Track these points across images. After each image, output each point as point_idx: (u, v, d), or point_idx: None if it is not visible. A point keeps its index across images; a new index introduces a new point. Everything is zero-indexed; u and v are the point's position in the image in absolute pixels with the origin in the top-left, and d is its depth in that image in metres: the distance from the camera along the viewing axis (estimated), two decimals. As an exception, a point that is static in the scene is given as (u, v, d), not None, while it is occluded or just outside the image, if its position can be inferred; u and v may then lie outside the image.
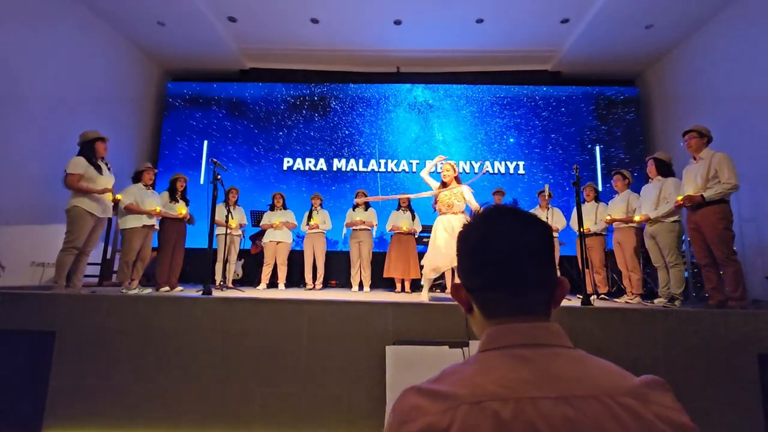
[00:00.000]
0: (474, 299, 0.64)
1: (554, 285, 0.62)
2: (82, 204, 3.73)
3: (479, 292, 0.64)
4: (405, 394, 0.55)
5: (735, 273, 3.32)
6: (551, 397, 0.49)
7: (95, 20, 6.14)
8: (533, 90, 7.66)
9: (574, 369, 0.53)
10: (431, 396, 0.52)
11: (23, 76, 4.94)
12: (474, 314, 0.66)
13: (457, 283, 0.68)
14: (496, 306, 0.62)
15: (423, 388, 0.54)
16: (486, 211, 0.68)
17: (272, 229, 5.64)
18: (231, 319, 2.93)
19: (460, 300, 0.67)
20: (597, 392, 0.50)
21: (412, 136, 7.68)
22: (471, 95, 7.73)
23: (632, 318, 2.83)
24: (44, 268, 4.99)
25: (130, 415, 2.80)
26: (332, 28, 6.75)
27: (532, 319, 0.59)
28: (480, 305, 0.63)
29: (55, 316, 2.97)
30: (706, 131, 3.65)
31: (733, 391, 2.65)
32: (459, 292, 0.67)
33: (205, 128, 7.64)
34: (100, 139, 3.96)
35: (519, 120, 7.60)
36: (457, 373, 0.55)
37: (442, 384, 0.54)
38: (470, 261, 0.65)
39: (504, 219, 0.65)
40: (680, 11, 5.90)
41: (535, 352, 0.55)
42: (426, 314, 2.87)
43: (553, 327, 0.59)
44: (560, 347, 0.57)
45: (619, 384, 0.51)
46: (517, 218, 0.64)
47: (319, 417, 2.71)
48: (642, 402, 0.49)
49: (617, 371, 0.54)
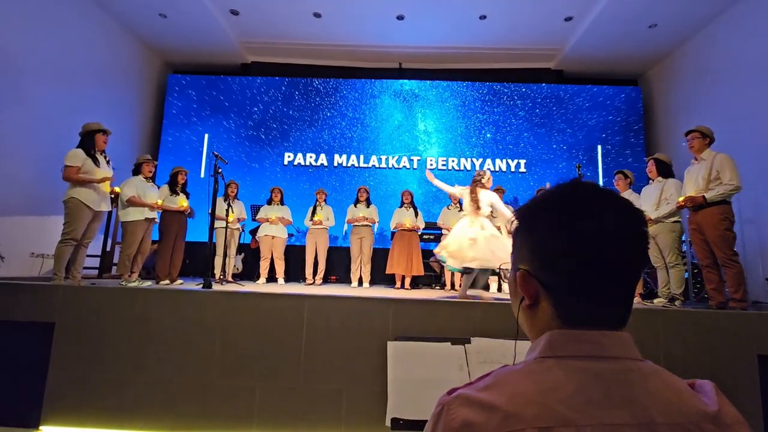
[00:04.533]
0: (549, 298, 0.54)
1: (633, 297, 0.56)
2: (78, 196, 3.69)
3: (559, 292, 0.53)
4: (453, 402, 0.47)
5: (736, 274, 3.32)
6: (631, 424, 0.44)
7: (97, 11, 6.10)
8: (535, 88, 7.65)
9: (650, 389, 0.47)
10: (487, 410, 0.44)
11: (23, 67, 4.90)
12: (537, 311, 0.56)
13: (526, 272, 0.56)
14: (578, 313, 0.53)
15: (475, 398, 0.46)
16: (578, 193, 0.55)
17: (268, 223, 5.63)
18: (231, 313, 2.92)
19: (527, 292, 0.56)
20: (680, 419, 0.45)
21: (414, 132, 7.66)
22: (472, 93, 7.71)
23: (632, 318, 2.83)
24: (43, 259, 4.98)
25: (128, 407, 2.79)
26: (334, 23, 6.71)
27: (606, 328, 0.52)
28: (557, 306, 0.54)
29: (55, 308, 2.96)
30: (708, 132, 3.63)
31: (733, 392, 2.64)
32: (528, 283, 0.56)
33: (206, 121, 7.61)
34: (101, 131, 3.93)
35: (521, 118, 7.59)
36: (517, 384, 0.48)
37: (500, 395, 0.46)
38: (557, 255, 0.53)
39: (606, 211, 0.53)
40: (684, 11, 5.88)
41: (607, 367, 0.48)
42: (427, 311, 2.86)
43: (624, 336, 0.52)
44: (632, 360, 0.50)
45: (699, 408, 0.47)
46: (622, 211, 0.53)
47: (318, 412, 2.70)
48: (721, 427, 0.46)
49: (689, 390, 0.49)
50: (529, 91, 7.64)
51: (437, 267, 6.12)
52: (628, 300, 0.54)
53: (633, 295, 0.55)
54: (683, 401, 0.47)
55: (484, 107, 7.65)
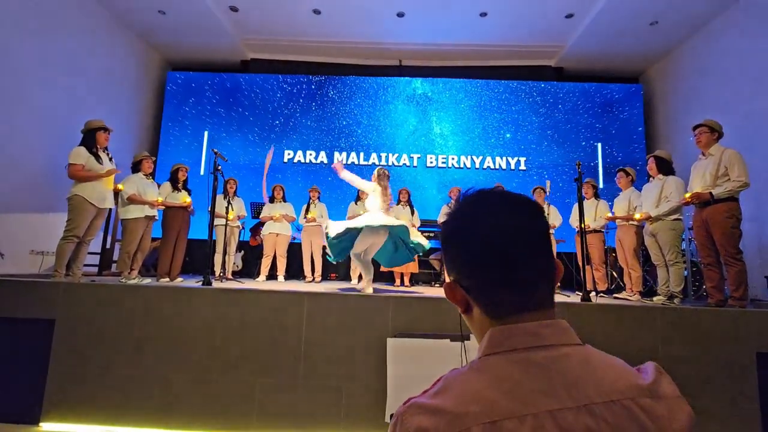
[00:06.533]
0: (474, 298, 0.58)
1: (555, 273, 0.58)
2: (82, 193, 3.72)
3: (480, 291, 0.57)
4: (406, 411, 0.49)
5: (738, 272, 3.30)
6: (571, 407, 0.46)
7: (96, 7, 6.08)
8: (535, 86, 7.63)
9: (588, 372, 0.49)
10: (437, 415, 0.47)
11: (23, 65, 4.89)
12: (473, 315, 0.59)
13: (451, 282, 0.60)
14: (501, 304, 0.56)
15: (426, 405, 0.48)
16: (474, 199, 0.60)
17: (272, 221, 5.64)
18: (230, 310, 2.92)
19: (456, 300, 0.60)
20: (617, 396, 0.47)
21: (411, 128, 7.65)
22: (472, 89, 7.69)
23: (631, 315, 2.84)
24: (43, 256, 4.98)
25: (128, 404, 2.80)
26: (334, 20, 6.69)
27: (539, 315, 0.55)
28: (482, 304, 0.57)
29: (55, 305, 2.96)
30: (717, 126, 3.54)
31: (731, 389, 2.66)
32: (455, 292, 0.59)
33: (206, 118, 7.59)
34: (102, 129, 3.94)
35: (520, 116, 7.57)
36: (463, 385, 0.50)
37: (447, 398, 0.48)
38: (468, 257, 0.57)
39: (500, 208, 0.58)
40: (685, 8, 5.86)
41: (546, 355, 0.51)
42: (425, 308, 2.87)
43: (560, 324, 0.54)
44: (569, 346, 0.52)
45: (633, 383, 0.49)
46: (515, 206, 0.58)
47: (318, 408, 2.71)
48: (657, 399, 0.48)
49: (626, 368, 0.52)
50: (530, 88, 7.63)
51: (437, 264, 6.13)
52: (544, 280, 0.57)
53: (550, 275, 0.58)
54: (620, 379, 0.49)
55: (482, 104, 7.63)
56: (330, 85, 7.73)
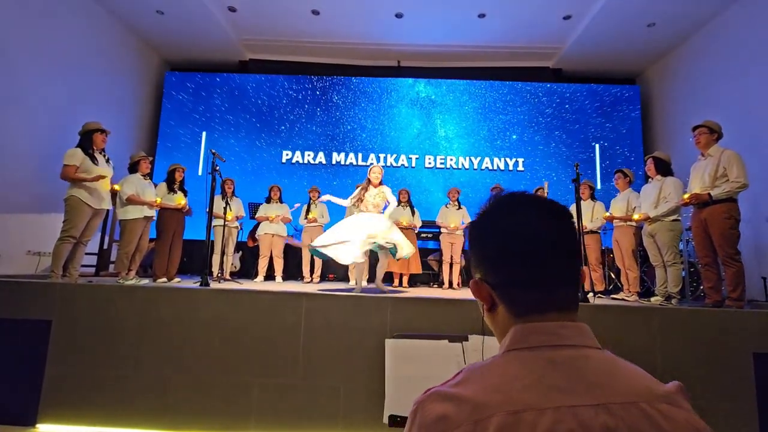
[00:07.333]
0: (499, 296, 0.60)
1: (579, 276, 0.61)
2: (79, 194, 3.70)
3: (505, 289, 0.59)
4: (426, 399, 0.51)
5: (736, 273, 3.31)
6: (589, 404, 0.47)
7: (94, 7, 6.06)
8: (534, 87, 7.64)
9: (607, 373, 0.50)
10: (458, 402, 0.48)
11: (21, 64, 4.87)
12: (497, 312, 0.61)
13: (478, 280, 0.62)
14: (525, 303, 0.58)
15: (447, 393, 0.50)
16: (505, 201, 0.63)
17: (268, 222, 5.62)
18: (229, 311, 2.91)
19: (482, 297, 0.62)
20: (635, 398, 0.48)
21: (414, 131, 7.66)
22: (472, 91, 7.70)
23: (629, 316, 2.84)
24: (40, 257, 4.96)
25: (126, 405, 2.79)
26: (333, 20, 6.70)
27: (562, 317, 0.56)
28: (507, 303, 0.59)
29: (52, 306, 2.95)
30: (716, 127, 3.54)
31: (729, 389, 2.66)
32: (481, 289, 0.62)
33: (204, 119, 7.59)
34: (99, 130, 3.92)
35: (520, 116, 7.59)
36: (484, 377, 0.52)
37: (469, 387, 0.50)
38: (495, 256, 0.60)
39: (529, 209, 0.60)
40: (682, 10, 5.89)
41: (568, 354, 0.52)
42: (424, 309, 2.87)
43: (582, 327, 0.56)
44: (589, 348, 0.54)
45: (653, 389, 0.50)
46: (543, 208, 0.61)
47: (316, 409, 2.71)
48: (676, 407, 0.49)
49: (647, 376, 0.53)
50: (528, 89, 7.64)
51: (435, 265, 6.13)
52: (569, 281, 0.59)
53: (575, 277, 0.60)
54: (639, 383, 0.50)
55: (483, 106, 7.64)
56: (328, 86, 7.73)
